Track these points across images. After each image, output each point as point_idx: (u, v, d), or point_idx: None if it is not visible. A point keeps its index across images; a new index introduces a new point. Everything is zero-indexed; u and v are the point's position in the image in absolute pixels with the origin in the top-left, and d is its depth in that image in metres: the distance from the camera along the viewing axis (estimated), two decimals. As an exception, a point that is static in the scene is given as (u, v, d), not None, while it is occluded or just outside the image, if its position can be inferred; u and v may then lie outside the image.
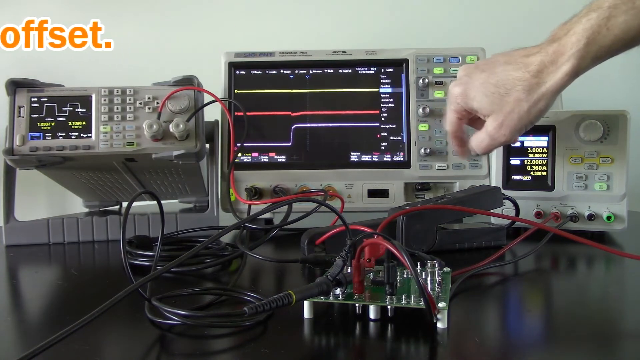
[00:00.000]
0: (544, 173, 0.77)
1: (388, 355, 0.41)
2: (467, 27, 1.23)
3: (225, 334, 0.44)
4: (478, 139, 0.64)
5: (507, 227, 0.73)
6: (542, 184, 0.77)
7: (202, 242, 0.52)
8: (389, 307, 0.44)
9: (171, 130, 0.73)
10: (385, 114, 0.86)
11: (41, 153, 0.73)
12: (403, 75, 0.86)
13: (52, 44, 1.28)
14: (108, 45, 1.28)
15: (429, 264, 0.48)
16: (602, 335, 0.44)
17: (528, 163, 0.78)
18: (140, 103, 0.76)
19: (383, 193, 0.85)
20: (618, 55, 0.59)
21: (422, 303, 0.42)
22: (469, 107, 0.64)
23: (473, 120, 0.67)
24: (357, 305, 0.45)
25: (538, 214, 0.77)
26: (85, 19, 1.28)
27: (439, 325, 0.43)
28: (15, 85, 0.75)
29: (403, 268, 0.49)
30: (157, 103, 0.76)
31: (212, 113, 0.83)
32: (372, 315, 0.45)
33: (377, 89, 0.87)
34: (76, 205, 1.03)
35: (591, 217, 0.75)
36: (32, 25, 1.28)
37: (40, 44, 1.28)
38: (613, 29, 0.56)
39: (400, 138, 0.86)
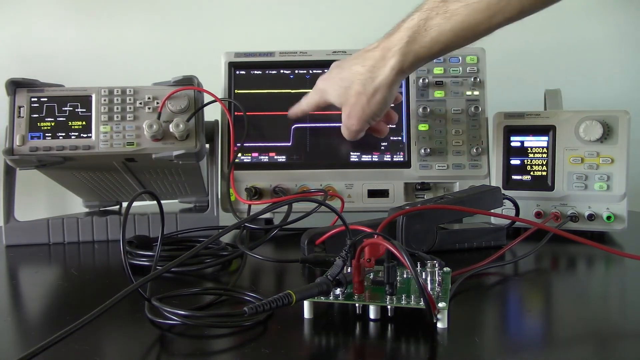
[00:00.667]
0: (544, 173, 0.77)
1: (388, 355, 0.41)
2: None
3: (225, 334, 0.44)
4: (342, 127, 0.71)
5: (507, 227, 0.73)
6: (542, 184, 0.77)
7: (202, 242, 0.52)
8: (389, 307, 0.44)
9: (171, 130, 0.73)
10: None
11: (41, 153, 0.73)
12: (403, 75, 0.86)
13: (52, 44, 1.28)
14: (108, 45, 1.28)
15: (429, 264, 0.48)
16: (602, 335, 0.44)
17: (528, 163, 0.78)
18: (140, 103, 0.76)
19: (383, 193, 0.85)
20: (443, 54, 0.63)
21: (422, 303, 0.42)
22: (327, 100, 0.71)
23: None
24: (357, 305, 0.45)
25: (538, 214, 0.77)
26: (85, 19, 1.29)
27: (439, 325, 0.43)
28: (15, 85, 0.75)
29: (403, 268, 0.49)
30: (157, 103, 0.76)
31: (212, 113, 0.83)
32: (372, 315, 0.45)
33: (377, 89, 0.86)
34: (76, 205, 1.03)
35: (591, 217, 0.75)
36: (32, 25, 1.28)
37: (41, 44, 1.28)
38: (430, 30, 0.59)
39: (400, 138, 0.86)
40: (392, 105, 0.73)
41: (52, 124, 0.75)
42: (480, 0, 0.56)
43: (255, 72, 0.87)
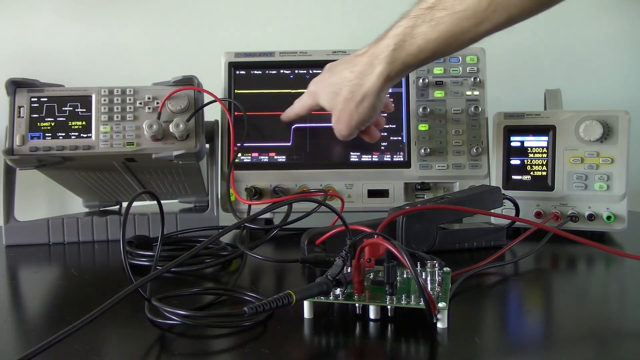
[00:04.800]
0: (544, 173, 0.77)
1: (388, 355, 0.41)
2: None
3: (225, 334, 0.44)
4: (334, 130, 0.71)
5: (507, 227, 0.73)
6: (542, 184, 0.77)
7: (202, 242, 0.52)
8: (389, 307, 0.44)
9: (171, 130, 0.73)
10: (385, 114, 0.86)
11: (41, 153, 0.73)
12: (403, 75, 0.86)
13: (52, 44, 1.28)
14: (108, 45, 1.28)
15: (429, 264, 0.48)
16: (602, 335, 0.44)
17: (528, 163, 0.78)
18: (140, 103, 0.76)
19: (383, 193, 0.85)
20: (432, 61, 0.62)
21: (422, 303, 0.42)
22: (319, 104, 0.71)
23: None
24: (357, 305, 0.45)
25: (538, 214, 0.77)
26: (85, 19, 1.29)
27: (439, 325, 0.43)
28: (15, 85, 0.75)
29: (403, 268, 0.49)
30: (157, 103, 0.76)
31: (212, 113, 0.83)
32: (372, 315, 0.45)
33: (377, 89, 0.86)
34: (76, 205, 1.03)
35: (591, 217, 0.75)
36: (32, 25, 1.28)
37: (40, 44, 1.28)
38: (416, 38, 0.58)
39: (400, 138, 0.86)
40: (382, 111, 0.73)
41: (52, 124, 0.75)
42: (466, 9, 0.55)
43: (255, 72, 0.87)
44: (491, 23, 0.56)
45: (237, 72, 0.87)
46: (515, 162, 0.79)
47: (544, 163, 0.77)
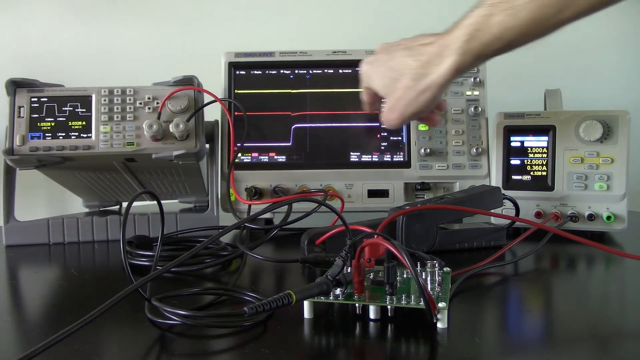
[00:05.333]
0: (544, 173, 0.77)
1: (388, 355, 0.41)
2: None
3: (225, 334, 0.44)
4: (381, 117, 0.66)
5: (507, 227, 0.73)
6: (542, 184, 0.77)
7: (202, 242, 0.52)
8: (389, 307, 0.44)
9: (171, 130, 0.73)
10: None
11: (41, 153, 0.73)
12: (403, 75, 0.86)
13: (52, 44, 1.28)
14: (108, 45, 1.28)
15: (429, 264, 0.48)
16: (602, 335, 0.44)
17: (528, 163, 0.78)
18: (140, 103, 0.76)
19: (383, 193, 0.85)
20: (503, 55, 0.58)
21: (422, 303, 0.42)
22: (371, 87, 0.66)
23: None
24: (357, 305, 0.45)
25: (538, 214, 0.77)
26: (85, 19, 1.29)
27: (439, 325, 0.43)
28: (15, 85, 0.75)
29: (403, 268, 0.49)
30: (157, 103, 0.76)
31: (212, 113, 0.83)
32: (372, 315, 0.45)
33: (377, 89, 0.86)
34: (76, 205, 1.03)
35: (591, 217, 0.75)
36: (32, 25, 1.28)
37: (41, 44, 1.28)
38: (491, 27, 0.55)
39: (400, 138, 0.86)
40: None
41: (52, 124, 0.75)
42: None
43: (255, 72, 0.87)
44: (575, 9, 0.53)
45: (237, 72, 0.87)
46: (515, 162, 0.79)
47: (544, 163, 0.77)
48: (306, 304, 0.45)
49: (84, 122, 0.75)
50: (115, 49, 1.28)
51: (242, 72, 0.87)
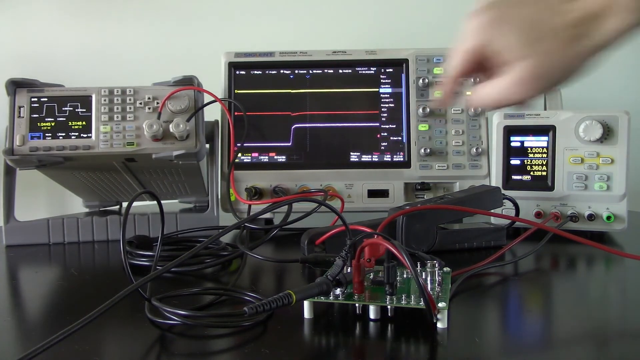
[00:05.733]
0: (544, 173, 0.77)
1: (388, 355, 0.41)
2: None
3: (225, 334, 0.44)
4: (484, 92, 0.50)
5: (507, 227, 0.73)
6: (542, 184, 0.77)
7: (202, 242, 0.52)
8: (389, 307, 0.44)
9: (171, 130, 0.73)
10: (385, 114, 0.86)
11: (41, 153, 0.73)
12: (403, 75, 0.87)
13: (52, 44, 1.28)
14: (108, 45, 1.28)
15: (429, 264, 0.48)
16: (602, 335, 0.44)
17: (528, 163, 0.78)
18: (140, 103, 0.76)
19: (383, 193, 0.85)
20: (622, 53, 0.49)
21: (422, 303, 0.42)
22: (490, 45, 0.47)
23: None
24: (357, 305, 0.45)
25: (538, 214, 0.77)
26: (85, 19, 1.29)
27: (439, 325, 0.43)
28: (15, 85, 0.75)
29: (403, 268, 0.49)
30: (157, 103, 0.76)
31: (212, 113, 0.83)
32: (372, 315, 0.45)
33: (377, 89, 0.87)
34: (76, 205, 1.03)
35: (591, 217, 0.75)
36: (32, 25, 1.28)
37: (41, 44, 1.28)
38: None
39: (400, 138, 0.86)
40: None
41: (52, 124, 0.75)
42: None
43: (255, 72, 0.87)
44: None
45: (237, 72, 0.87)
46: (515, 162, 0.79)
47: (544, 163, 0.77)
48: (306, 304, 0.45)
49: (84, 122, 0.75)
50: (115, 49, 1.28)
51: (242, 72, 0.87)
